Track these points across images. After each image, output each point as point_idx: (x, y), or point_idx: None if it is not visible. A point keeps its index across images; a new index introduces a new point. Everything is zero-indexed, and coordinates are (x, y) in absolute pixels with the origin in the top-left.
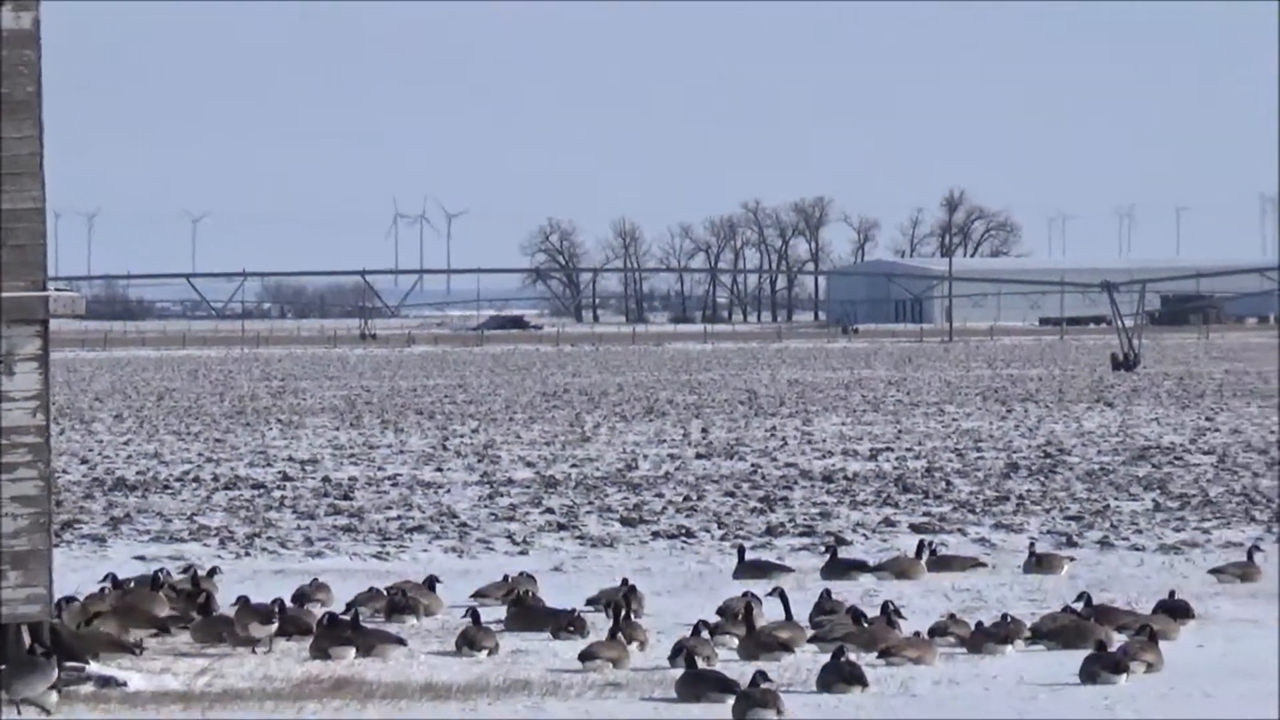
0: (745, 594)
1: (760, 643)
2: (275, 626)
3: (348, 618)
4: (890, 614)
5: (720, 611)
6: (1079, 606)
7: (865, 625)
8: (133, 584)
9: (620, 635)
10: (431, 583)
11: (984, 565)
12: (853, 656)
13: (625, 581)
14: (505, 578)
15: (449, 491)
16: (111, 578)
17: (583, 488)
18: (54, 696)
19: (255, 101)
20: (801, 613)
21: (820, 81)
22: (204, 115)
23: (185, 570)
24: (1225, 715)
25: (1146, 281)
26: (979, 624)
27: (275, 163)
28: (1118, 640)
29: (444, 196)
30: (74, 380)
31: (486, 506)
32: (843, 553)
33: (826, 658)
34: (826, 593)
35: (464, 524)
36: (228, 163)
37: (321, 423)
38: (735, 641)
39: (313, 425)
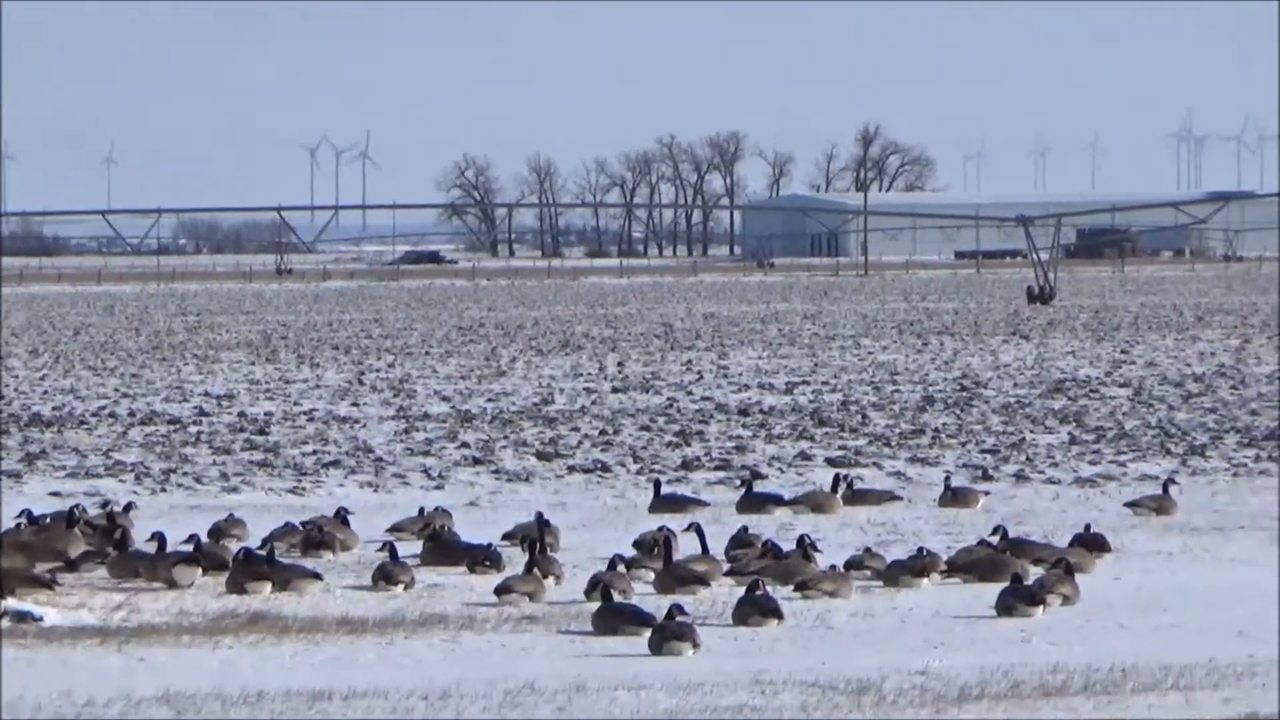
0: (661, 528)
1: (676, 576)
2: (199, 572)
3: (264, 553)
4: (806, 548)
5: (636, 545)
6: (995, 540)
7: (781, 559)
8: (48, 520)
9: (536, 570)
10: (344, 516)
11: (899, 499)
12: (769, 590)
13: (541, 516)
14: (421, 511)
15: (365, 426)
16: (27, 514)
17: (498, 422)
18: None
19: (172, 38)
20: (717, 546)
21: (735, 15)
22: (120, 52)
23: (102, 506)
24: (1140, 648)
25: (1062, 215)
26: (895, 558)
27: (191, 99)
28: (1034, 573)
29: (359, 133)
30: None
31: (402, 441)
32: (758, 487)
33: (742, 591)
34: (743, 527)
35: (380, 459)
36: (144, 99)
37: (237, 358)
38: (651, 575)
39: (229, 361)
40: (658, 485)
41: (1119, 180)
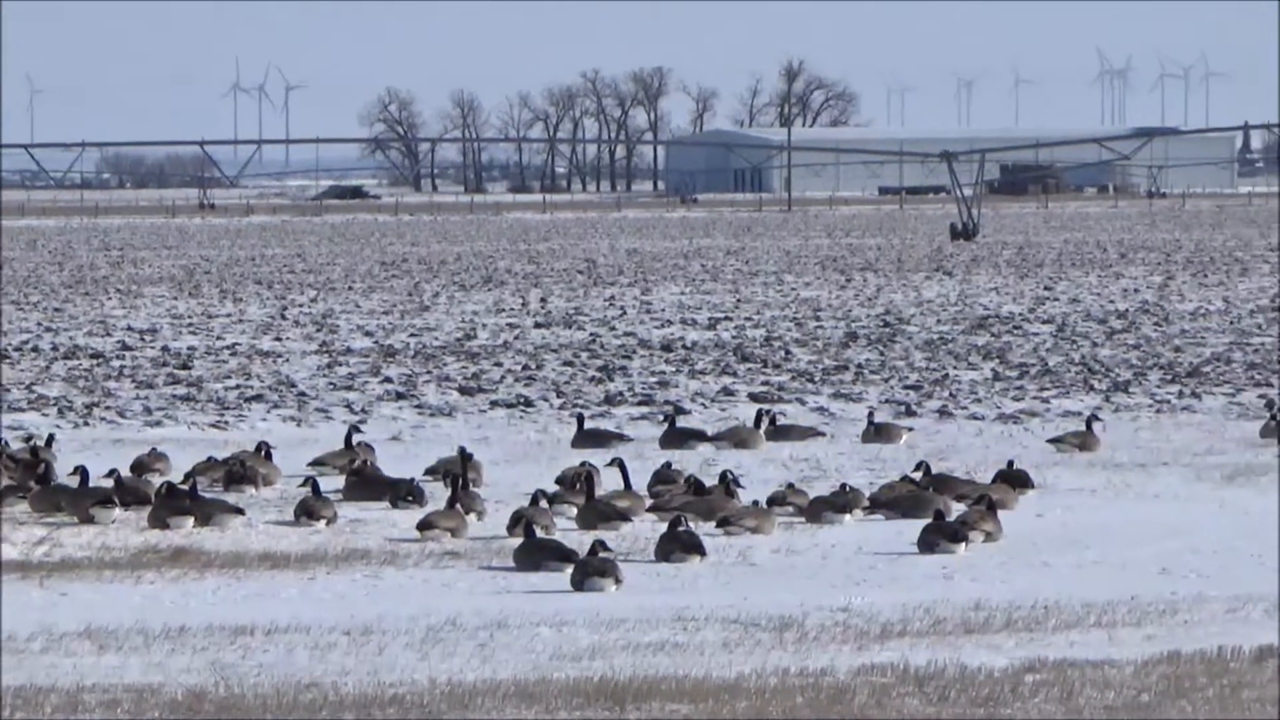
0: (583, 463)
1: (599, 512)
2: (117, 512)
3: (186, 487)
4: (729, 483)
5: (559, 481)
6: (918, 476)
7: (704, 495)
8: None
9: (458, 505)
10: (267, 450)
11: (822, 435)
12: (691, 526)
13: (463, 451)
14: (348, 442)
15: (287, 361)
16: None
17: (421, 357)
18: None
19: None
20: (640, 482)
21: None
22: None
23: (25, 440)
24: (1062, 585)
25: (986, 151)
26: (817, 494)
27: (116, 33)
28: (956, 510)
29: (283, 66)
30: None
31: (325, 376)
32: (681, 422)
33: (665, 527)
34: (666, 463)
35: (302, 393)
36: (66, 33)
37: (160, 292)
38: (574, 511)
39: (151, 295)
40: (580, 420)
41: (1043, 116)
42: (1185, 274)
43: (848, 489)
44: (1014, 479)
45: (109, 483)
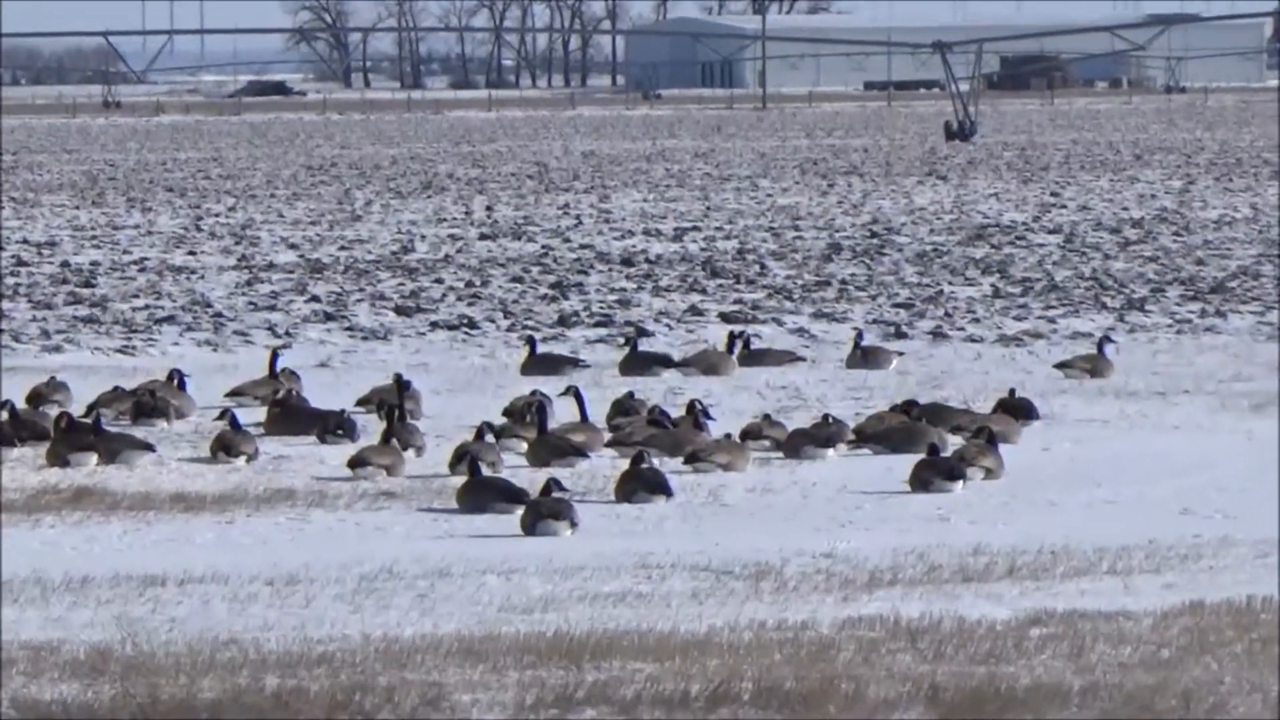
0: (534, 392)
1: (552, 447)
2: (14, 448)
3: (89, 421)
4: (697, 414)
5: (507, 412)
6: (909, 405)
7: (669, 427)
8: None
9: (394, 439)
10: (179, 379)
11: (802, 359)
12: (655, 462)
13: (400, 378)
14: (272, 370)
15: (202, 278)
16: None
17: (352, 273)
18: None
19: None
20: (598, 413)
21: None
22: None
23: None
24: (1071, 527)
25: (984, 41)
26: (797, 426)
27: None
28: (952, 443)
29: None
30: None
31: (244, 294)
32: (644, 345)
33: (626, 464)
34: (628, 392)
35: (219, 314)
36: None
37: (60, 201)
38: (524, 446)
39: (50, 204)
40: (531, 344)
41: (1048, 1)
42: (1208, 178)
43: (831, 420)
44: (1017, 409)
45: (1, 416)
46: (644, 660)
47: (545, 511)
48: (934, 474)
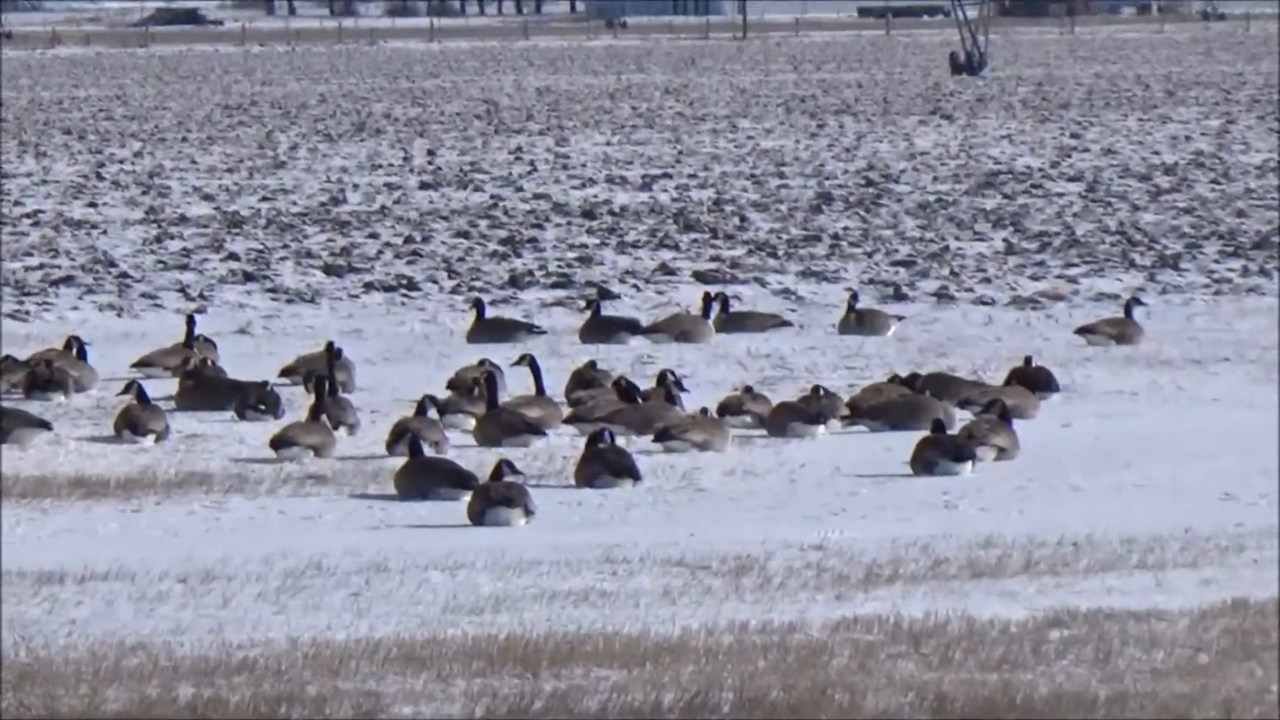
0: (483, 362)
1: (503, 424)
2: None
3: None
4: (669, 386)
5: (452, 385)
6: (911, 376)
7: (637, 401)
8: None
9: (324, 416)
10: (80, 348)
11: (789, 324)
12: (621, 441)
13: (331, 346)
14: (189, 337)
15: (105, 233)
16: None
17: (275, 227)
18: None
19: None
20: (556, 385)
21: None
22: None
23: None
24: (1097, 515)
25: None
26: (783, 399)
27: None
28: (960, 419)
29: None
30: None
31: (153, 252)
32: (608, 309)
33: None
34: (590, 362)
35: (124, 274)
36: None
37: None
38: (471, 423)
39: None
40: (479, 307)
41: None
42: (1249, 117)
43: (821, 393)
44: (1033, 379)
45: None
46: (610, 666)
47: (496, 498)
48: (939, 454)
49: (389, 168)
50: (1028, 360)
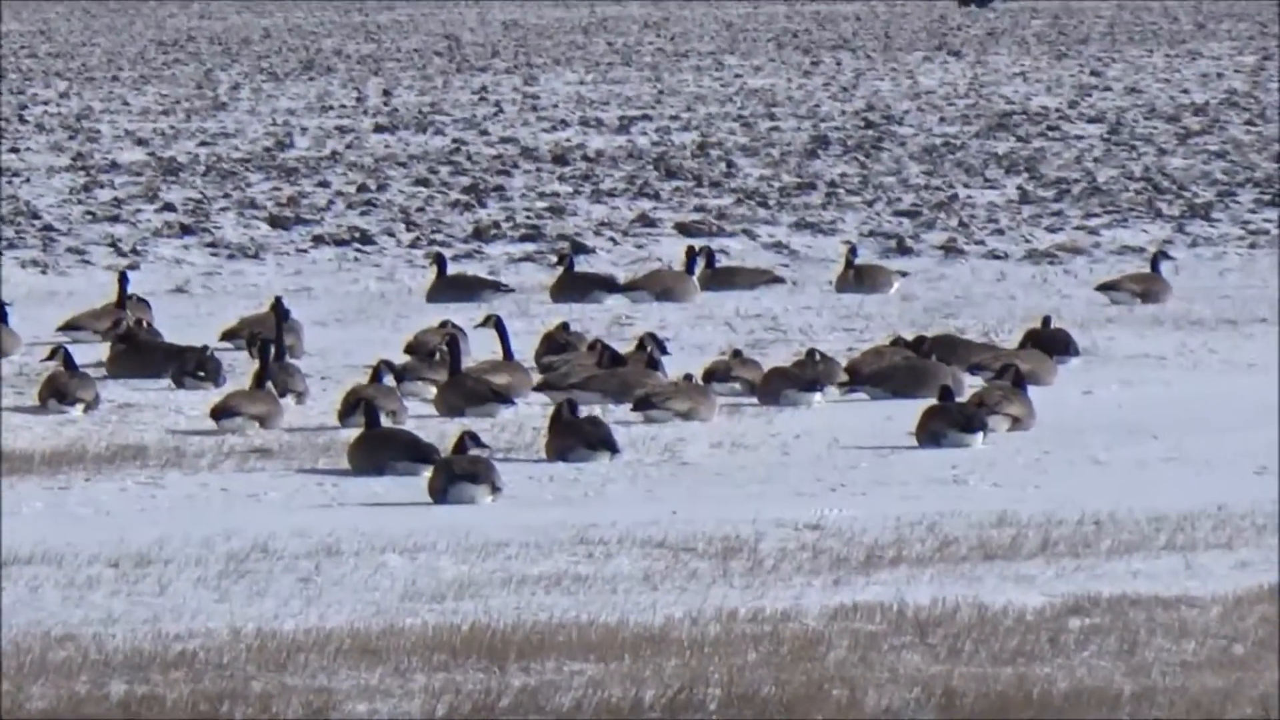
0: (445, 323)
1: (467, 391)
2: None
3: None
4: (650, 351)
5: (411, 349)
6: (916, 339)
7: (615, 366)
8: None
9: (270, 383)
10: (1, 310)
11: (781, 280)
12: (598, 410)
13: (278, 305)
14: (121, 297)
15: (28, 181)
16: None
17: (216, 175)
18: None
19: None
20: (525, 348)
21: None
22: None
23: None
24: (1121, 491)
25: None
26: (775, 364)
27: None
28: (970, 386)
29: None
30: None
31: (81, 203)
32: (581, 264)
33: (560, 412)
34: (562, 324)
35: (49, 227)
36: None
37: None
38: (432, 390)
39: None
40: (440, 262)
41: None
42: None
43: (817, 357)
44: (1050, 342)
45: None
46: (585, 659)
47: (459, 473)
48: (947, 424)
49: (340, 109)
50: (1045, 320)
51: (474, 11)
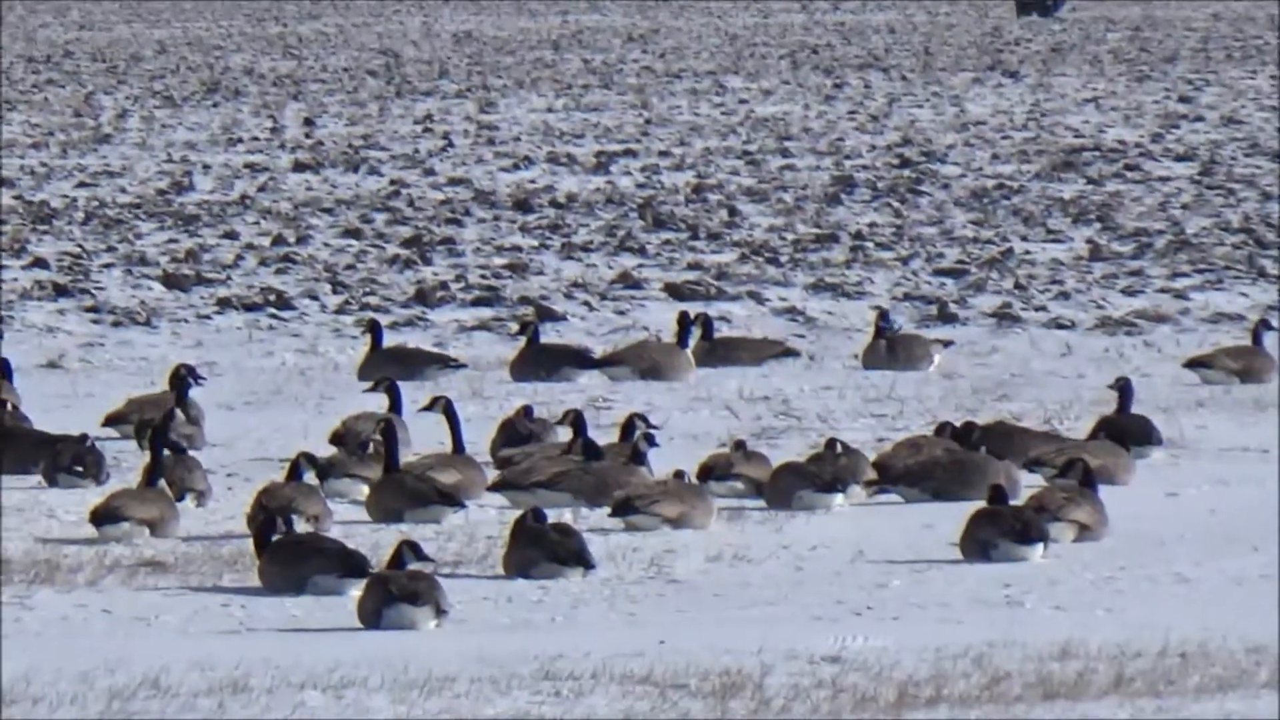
0: (379, 411)
1: (408, 492)
2: None
3: None
4: (636, 441)
5: (338, 438)
6: (965, 428)
7: (590, 460)
8: None
9: (164, 480)
10: None
11: (795, 354)
12: (568, 516)
13: (179, 375)
14: None
15: None
16: None
17: (98, 223)
18: None
19: None
20: (479, 438)
21: None
22: None
23: None
24: (1210, 614)
25: None
26: (787, 459)
27: None
28: (1028, 486)
29: None
30: None
31: None
32: (549, 334)
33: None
34: (525, 407)
35: None
36: None
37: None
38: (364, 489)
39: None
40: (375, 332)
41: None
42: None
43: (839, 450)
44: (1126, 431)
45: None
46: None
47: (397, 592)
48: (999, 533)
49: (252, 142)
50: (1121, 402)
51: (417, 21)
